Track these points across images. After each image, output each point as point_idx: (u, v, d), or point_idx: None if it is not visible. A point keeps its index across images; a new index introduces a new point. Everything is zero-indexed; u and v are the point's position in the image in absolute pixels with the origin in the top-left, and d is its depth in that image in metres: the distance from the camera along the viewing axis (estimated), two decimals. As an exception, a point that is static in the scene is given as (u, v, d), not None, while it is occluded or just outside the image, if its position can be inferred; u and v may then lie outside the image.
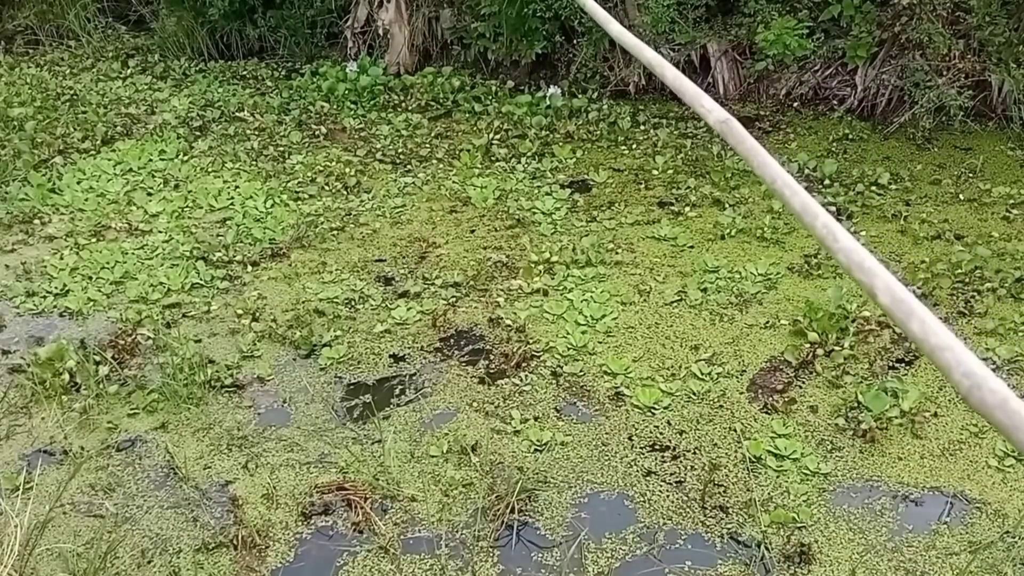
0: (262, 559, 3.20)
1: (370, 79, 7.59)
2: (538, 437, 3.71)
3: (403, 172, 6.26)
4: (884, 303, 1.05)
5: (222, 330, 4.56)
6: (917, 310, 1.00)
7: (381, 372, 4.22)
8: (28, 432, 3.87)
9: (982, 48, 6.31)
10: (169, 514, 3.42)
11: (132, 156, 6.50)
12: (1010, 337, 4.23)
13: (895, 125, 6.46)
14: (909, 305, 1.01)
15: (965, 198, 5.56)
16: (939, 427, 3.73)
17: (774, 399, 3.92)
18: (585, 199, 5.78)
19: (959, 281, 4.67)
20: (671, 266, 4.97)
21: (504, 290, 4.78)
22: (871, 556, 3.14)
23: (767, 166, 1.37)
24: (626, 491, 3.46)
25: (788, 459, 3.57)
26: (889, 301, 1.04)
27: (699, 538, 3.25)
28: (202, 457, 3.71)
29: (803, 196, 1.26)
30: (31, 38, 9.32)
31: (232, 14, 8.30)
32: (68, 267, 5.14)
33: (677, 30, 6.98)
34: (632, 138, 6.59)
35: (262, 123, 7.04)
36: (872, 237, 5.16)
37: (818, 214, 1.21)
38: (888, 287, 1.05)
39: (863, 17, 6.57)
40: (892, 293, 1.04)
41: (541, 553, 3.21)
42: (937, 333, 0.96)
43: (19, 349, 4.44)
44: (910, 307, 1.01)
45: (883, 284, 1.06)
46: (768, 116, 6.94)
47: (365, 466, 3.57)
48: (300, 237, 5.40)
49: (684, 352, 4.25)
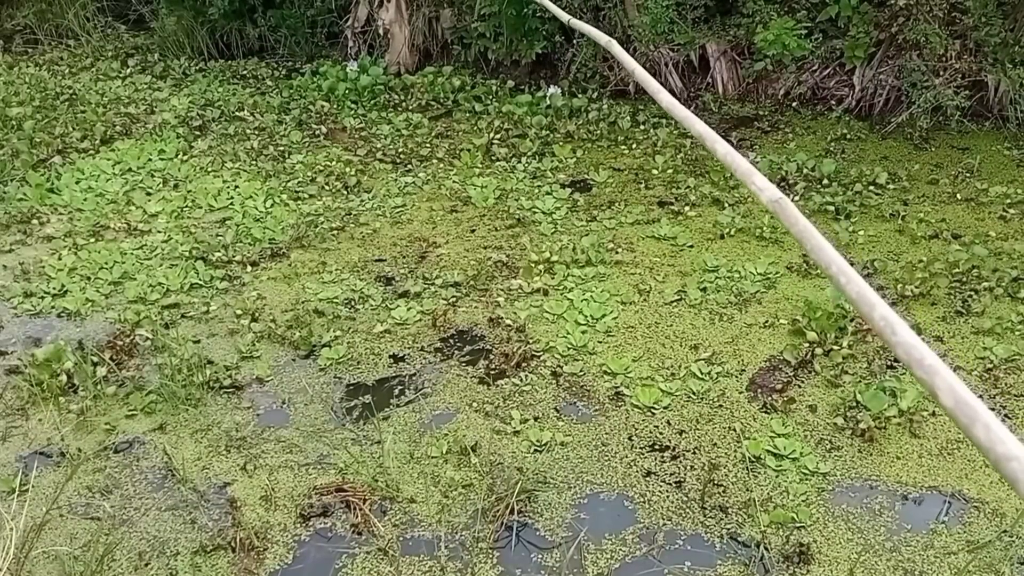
0: (260, 561, 3.20)
1: (370, 79, 7.59)
2: (538, 437, 3.71)
3: (403, 172, 6.26)
4: (946, 405, 0.97)
5: (221, 331, 4.56)
6: (982, 414, 0.93)
7: (381, 372, 4.21)
8: (25, 434, 3.87)
9: (978, 48, 6.32)
10: (167, 516, 3.41)
11: (131, 156, 6.49)
12: (1007, 336, 4.23)
13: (893, 125, 6.46)
14: (974, 408, 0.94)
15: (962, 197, 5.56)
16: (937, 426, 3.73)
17: (773, 398, 3.92)
18: (585, 199, 5.78)
19: (956, 280, 4.67)
20: (671, 265, 4.97)
21: (504, 290, 4.78)
22: (870, 555, 3.14)
23: (822, 250, 1.29)
24: (626, 491, 3.46)
25: (787, 459, 3.57)
26: (952, 403, 0.97)
27: (699, 538, 3.25)
28: (200, 458, 3.70)
29: (859, 284, 1.18)
30: (30, 37, 9.31)
31: (232, 14, 8.29)
32: (66, 267, 5.13)
33: (676, 30, 6.98)
34: (632, 138, 6.59)
35: (262, 123, 7.04)
36: (870, 236, 5.16)
37: (875, 304, 1.13)
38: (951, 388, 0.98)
39: (861, 18, 6.57)
40: (955, 394, 0.97)
41: (541, 554, 3.20)
42: (1004, 441, 0.90)
43: (16, 350, 4.44)
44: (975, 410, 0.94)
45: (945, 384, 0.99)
46: (767, 116, 6.94)
47: (364, 467, 3.57)
48: (300, 237, 5.40)
49: (684, 352, 4.25)
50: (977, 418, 0.94)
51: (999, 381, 3.97)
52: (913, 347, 1.05)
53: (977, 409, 0.95)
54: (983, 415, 0.94)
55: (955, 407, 0.97)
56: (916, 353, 1.04)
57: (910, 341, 1.06)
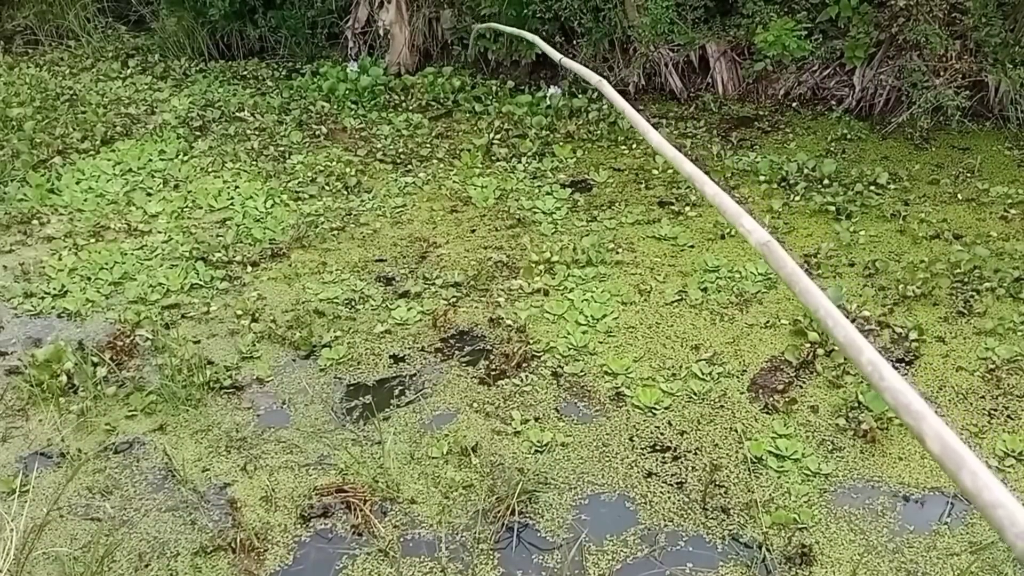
0: (260, 562, 3.19)
1: (371, 79, 7.59)
2: (539, 438, 3.71)
3: (404, 172, 6.25)
4: (933, 450, 0.99)
5: (221, 331, 4.55)
6: (969, 461, 0.94)
7: (381, 373, 4.21)
8: (25, 435, 3.86)
9: (979, 49, 6.31)
10: (167, 517, 3.40)
11: (132, 156, 6.49)
12: (1009, 336, 4.22)
13: (893, 125, 6.45)
14: (960, 455, 0.95)
15: (963, 198, 5.56)
16: (940, 428, 3.72)
17: (775, 399, 3.91)
18: (585, 199, 5.78)
19: (958, 281, 4.66)
20: (671, 266, 4.97)
21: (505, 290, 4.77)
22: (872, 557, 3.13)
23: (809, 293, 1.31)
24: (627, 492, 3.45)
25: (789, 459, 3.56)
26: (939, 449, 0.98)
27: (700, 540, 3.24)
28: (200, 459, 3.69)
29: (847, 328, 1.20)
30: (31, 38, 9.31)
31: (232, 14, 8.29)
32: (66, 268, 5.12)
33: (676, 31, 6.98)
34: (632, 138, 6.58)
35: (262, 123, 7.03)
36: (871, 236, 5.15)
37: (863, 349, 1.16)
38: (938, 433, 0.99)
39: (861, 18, 6.57)
40: (942, 440, 0.98)
41: (542, 555, 3.20)
42: (990, 488, 0.91)
43: (16, 351, 4.43)
44: (962, 457, 0.95)
45: (932, 430, 1.00)
46: (767, 116, 6.94)
47: (365, 468, 3.56)
48: (300, 237, 5.39)
49: (685, 352, 4.24)
50: (964, 464, 0.95)
51: (1001, 382, 3.96)
52: (901, 392, 1.07)
53: (964, 456, 0.96)
54: (970, 462, 0.95)
55: (942, 453, 0.99)
56: (903, 398, 1.06)
57: (897, 386, 1.08)
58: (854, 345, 1.17)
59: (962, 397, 3.88)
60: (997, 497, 0.91)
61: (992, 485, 0.92)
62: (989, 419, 3.75)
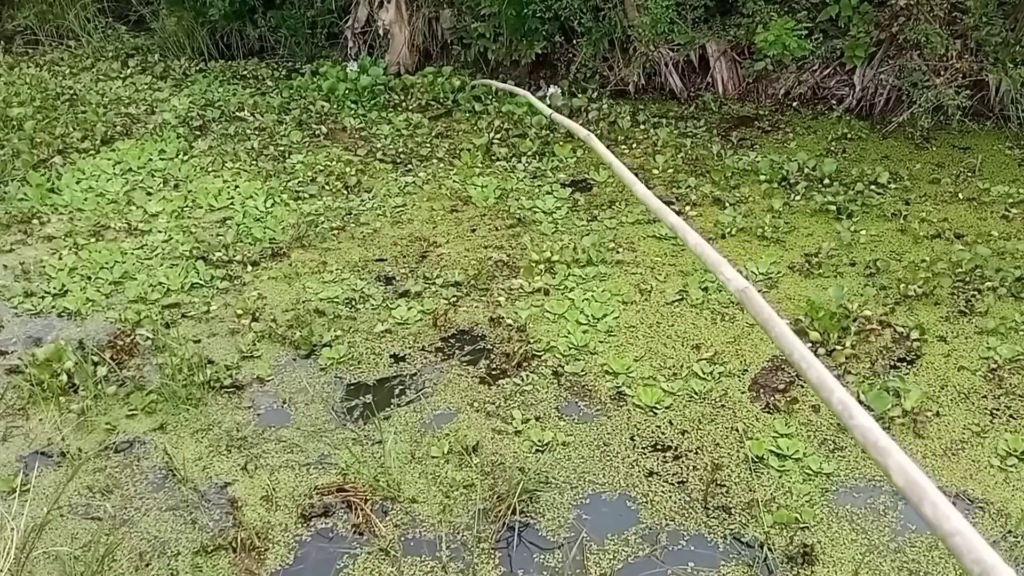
0: (261, 562, 3.19)
1: (370, 79, 7.58)
2: (539, 437, 3.70)
3: (404, 171, 6.25)
4: (898, 484, 1.06)
5: (221, 330, 4.55)
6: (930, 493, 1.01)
7: (381, 372, 4.20)
8: (25, 434, 3.85)
9: (979, 48, 6.31)
10: (167, 516, 3.40)
11: (132, 156, 6.48)
12: (1011, 336, 4.22)
13: (893, 124, 6.45)
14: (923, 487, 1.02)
15: (964, 197, 5.55)
16: (941, 427, 3.72)
17: (776, 398, 3.91)
18: (586, 198, 5.77)
19: (959, 280, 4.66)
20: (672, 265, 4.96)
21: (505, 289, 4.76)
22: (874, 556, 3.13)
23: (784, 337, 1.39)
24: (628, 492, 3.45)
25: (790, 459, 3.56)
26: (903, 483, 1.05)
27: (702, 539, 3.23)
28: (201, 458, 3.69)
29: (819, 370, 1.27)
30: (31, 38, 9.30)
31: (232, 14, 8.29)
32: (67, 267, 5.12)
33: (676, 30, 6.97)
34: (632, 137, 6.58)
35: (262, 123, 7.03)
36: (872, 236, 5.15)
37: (834, 389, 1.22)
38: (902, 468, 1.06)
39: (861, 18, 6.57)
40: (906, 474, 1.05)
41: (543, 555, 3.19)
42: (949, 518, 0.98)
43: (17, 350, 4.42)
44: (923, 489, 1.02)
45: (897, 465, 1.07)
46: (767, 116, 6.93)
47: (365, 467, 3.56)
48: (300, 237, 5.39)
49: (685, 351, 4.24)
50: (925, 496, 1.02)
51: (1003, 381, 3.95)
52: (868, 430, 1.13)
53: (926, 488, 1.03)
54: (931, 494, 1.01)
55: (906, 486, 1.05)
56: (871, 436, 1.12)
57: (866, 424, 1.14)
58: (825, 386, 1.25)
59: (964, 396, 3.88)
60: (955, 526, 0.97)
61: (951, 515, 0.98)
62: (991, 418, 3.75)
